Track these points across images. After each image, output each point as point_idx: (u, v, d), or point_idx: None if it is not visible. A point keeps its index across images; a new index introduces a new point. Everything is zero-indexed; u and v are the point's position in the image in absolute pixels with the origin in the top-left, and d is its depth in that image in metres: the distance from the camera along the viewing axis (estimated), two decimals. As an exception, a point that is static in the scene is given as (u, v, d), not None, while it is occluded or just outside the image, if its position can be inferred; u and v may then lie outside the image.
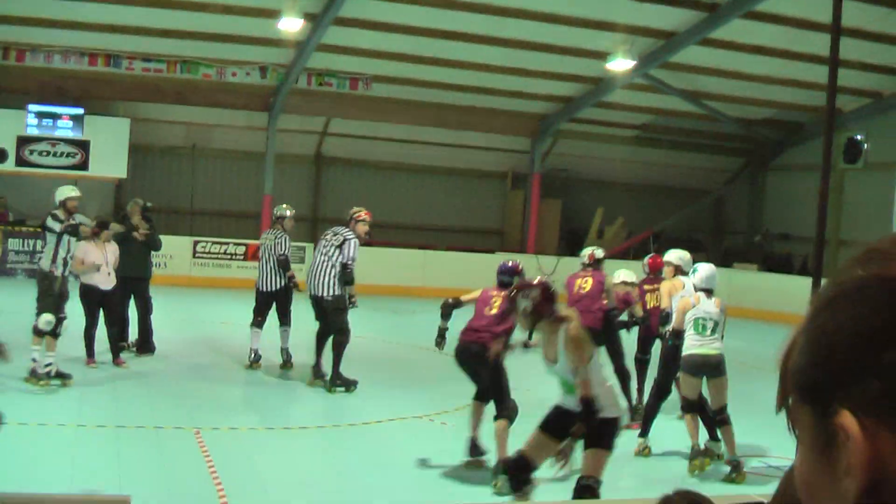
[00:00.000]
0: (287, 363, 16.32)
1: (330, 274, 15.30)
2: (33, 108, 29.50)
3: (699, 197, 37.42)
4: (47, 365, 13.88)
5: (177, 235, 28.36)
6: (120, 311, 16.11)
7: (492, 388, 10.76)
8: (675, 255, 13.11)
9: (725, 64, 27.79)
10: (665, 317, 12.21)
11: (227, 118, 32.25)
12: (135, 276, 16.03)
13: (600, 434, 8.15)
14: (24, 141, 29.44)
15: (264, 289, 16.23)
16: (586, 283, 13.48)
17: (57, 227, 14.31)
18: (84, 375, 14.40)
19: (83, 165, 29.62)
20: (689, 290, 11.70)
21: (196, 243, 29.39)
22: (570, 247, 34.71)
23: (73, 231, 14.44)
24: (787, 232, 34.94)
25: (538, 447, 8.52)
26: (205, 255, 29.38)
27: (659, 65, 27.49)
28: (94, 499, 3.13)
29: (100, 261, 14.87)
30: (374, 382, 15.56)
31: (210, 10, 25.36)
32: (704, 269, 11.61)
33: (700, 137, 35.29)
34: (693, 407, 11.25)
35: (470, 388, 10.83)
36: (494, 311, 10.73)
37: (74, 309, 15.29)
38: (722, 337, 11.20)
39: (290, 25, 24.46)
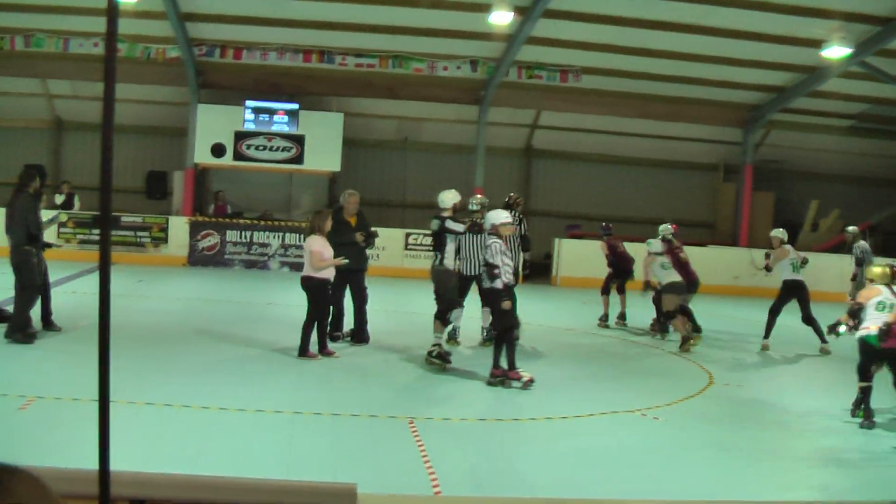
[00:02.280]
0: (487, 341, 17.26)
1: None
2: (250, 103, 30.34)
3: (918, 189, 36.26)
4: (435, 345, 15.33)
5: (389, 227, 28.74)
6: (336, 302, 16.55)
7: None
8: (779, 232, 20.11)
9: (946, 50, 26.88)
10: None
11: (438, 112, 32.60)
12: (352, 268, 16.33)
13: None
14: (241, 136, 30.30)
15: (466, 273, 16.78)
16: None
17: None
18: (300, 363, 14.73)
19: (298, 159, 30.30)
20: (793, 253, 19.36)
21: (408, 235, 29.76)
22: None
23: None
24: None
25: None
26: (416, 247, 29.72)
27: (875, 52, 26.67)
28: (319, 486, 3.18)
29: (331, 255, 15.23)
30: (585, 375, 15.51)
31: (421, 4, 25.69)
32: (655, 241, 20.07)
33: (919, 127, 34.17)
34: (684, 311, 18.77)
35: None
36: None
37: (292, 299, 15.67)
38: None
39: (501, 19, 24.61)
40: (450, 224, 15.90)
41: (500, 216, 14.56)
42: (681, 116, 32.78)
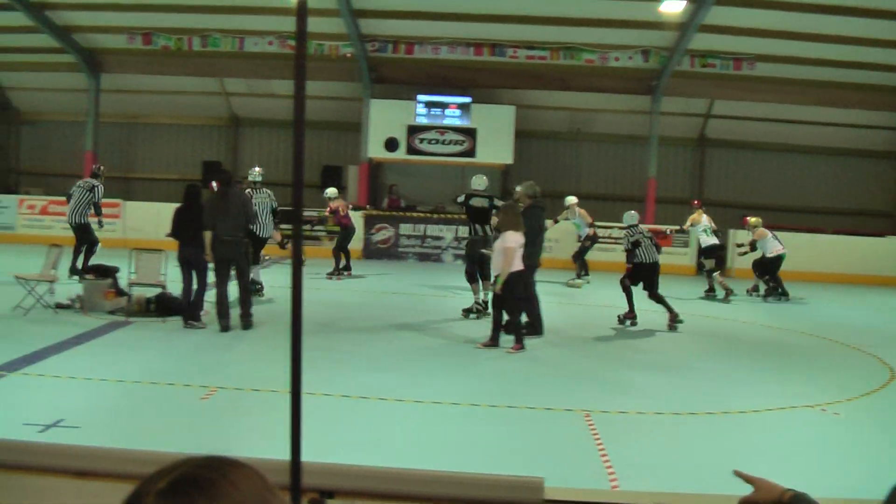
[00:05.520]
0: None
1: None
2: (422, 97, 30.58)
3: None
4: None
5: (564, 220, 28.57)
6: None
7: None
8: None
9: None
10: None
11: (610, 102, 32.38)
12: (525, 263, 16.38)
13: None
14: (413, 130, 30.58)
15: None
16: None
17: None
18: (475, 354, 14.80)
19: (470, 152, 30.45)
20: None
21: (578, 227, 29.64)
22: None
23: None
24: None
25: None
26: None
27: None
28: (507, 479, 3.20)
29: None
30: (763, 369, 15.24)
31: (591, -5, 25.64)
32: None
33: None
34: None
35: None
36: None
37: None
38: None
39: (673, 7, 24.37)
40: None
41: None
42: (857, 103, 31.91)
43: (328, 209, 25.01)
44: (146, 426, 10.16)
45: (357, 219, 30.43)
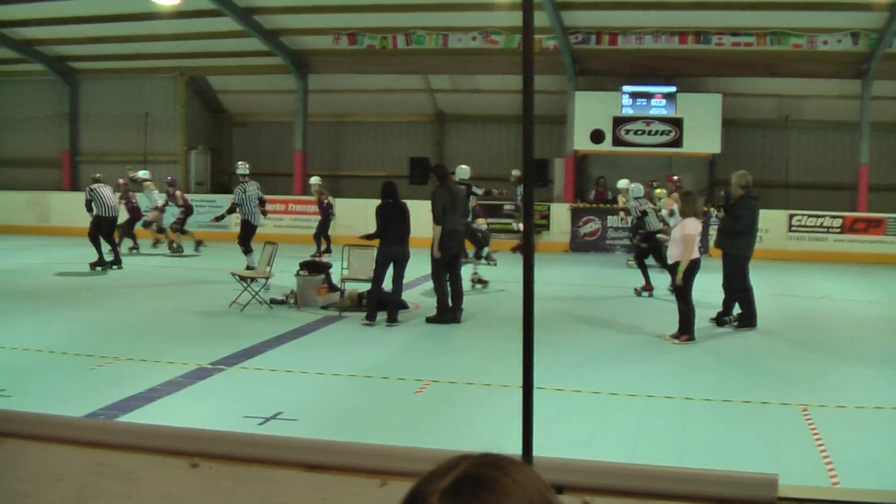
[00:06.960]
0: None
1: None
2: (627, 88, 30.44)
3: None
4: None
5: (771, 209, 27.88)
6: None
7: None
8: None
9: None
10: None
11: (818, 88, 31.58)
12: (728, 253, 16.19)
13: None
14: (619, 121, 30.47)
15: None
16: None
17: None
18: (683, 349, 14.61)
19: (677, 142, 30.16)
20: None
21: (791, 217, 29.01)
22: None
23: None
24: None
25: None
26: (800, 229, 28.89)
27: None
28: (739, 476, 3.15)
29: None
30: None
31: (798, -21, 25.09)
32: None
33: None
34: None
35: None
36: None
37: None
38: None
39: (887, -12, 23.69)
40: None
41: None
42: None
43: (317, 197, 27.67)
44: (363, 419, 10.35)
45: (564, 212, 30.48)
